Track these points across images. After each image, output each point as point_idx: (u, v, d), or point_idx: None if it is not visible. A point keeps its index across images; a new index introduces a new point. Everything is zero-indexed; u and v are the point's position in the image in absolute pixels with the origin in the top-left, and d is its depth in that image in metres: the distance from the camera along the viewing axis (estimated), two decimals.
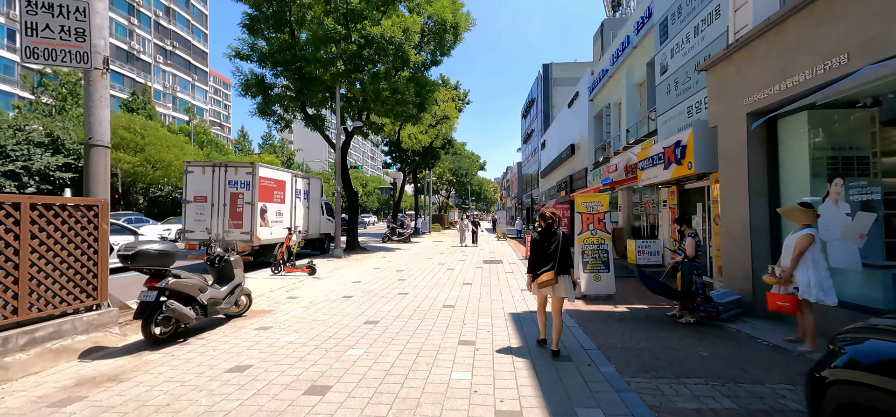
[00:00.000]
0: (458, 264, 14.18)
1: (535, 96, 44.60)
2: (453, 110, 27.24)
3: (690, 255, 6.19)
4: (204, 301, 5.72)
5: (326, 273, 11.76)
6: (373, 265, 13.71)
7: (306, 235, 15.82)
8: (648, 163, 10.06)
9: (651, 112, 12.61)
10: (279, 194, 13.58)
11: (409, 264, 14.20)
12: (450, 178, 51.10)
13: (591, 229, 8.32)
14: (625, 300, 8.16)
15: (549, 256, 4.82)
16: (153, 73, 56.98)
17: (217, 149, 48.38)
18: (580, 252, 8.28)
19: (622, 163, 14.15)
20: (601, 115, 18.93)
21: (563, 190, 24.77)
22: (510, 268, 13.04)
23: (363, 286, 9.84)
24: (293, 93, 17.20)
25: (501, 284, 10.10)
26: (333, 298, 8.38)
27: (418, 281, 10.51)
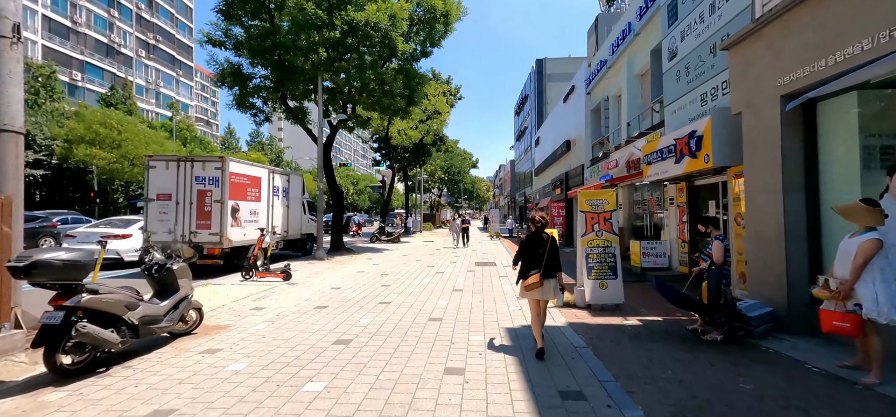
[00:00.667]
0: (449, 266, 13.21)
1: (529, 92, 43.75)
2: (444, 105, 26.24)
3: (719, 261, 5.27)
4: (133, 321, 4.68)
5: (303, 279, 10.72)
6: (356, 269, 12.69)
7: (286, 236, 14.74)
8: (656, 157, 9.16)
9: (656, 103, 11.73)
10: (254, 192, 12.49)
11: (395, 267, 13.20)
12: (442, 176, 50.08)
13: (596, 231, 7.39)
14: (634, 309, 7.24)
15: (537, 259, 4.91)
16: (135, 67, 55.19)
17: (201, 146, 46.90)
18: (584, 256, 7.34)
19: (623, 158, 13.26)
20: (599, 109, 18.05)
21: (559, 188, 23.90)
22: (504, 271, 12.10)
23: (342, 293, 8.82)
24: (272, 84, 16.07)
25: (495, 290, 9.14)
26: (305, 309, 7.35)
27: (404, 287, 9.52)
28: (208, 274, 11.32)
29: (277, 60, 15.44)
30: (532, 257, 4.96)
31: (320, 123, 15.67)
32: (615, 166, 13.71)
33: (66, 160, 30.14)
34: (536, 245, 4.98)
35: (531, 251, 4.98)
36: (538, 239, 5.01)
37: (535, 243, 5.00)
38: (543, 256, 4.86)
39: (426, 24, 17.71)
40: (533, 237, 5.07)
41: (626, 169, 12.92)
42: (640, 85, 14.03)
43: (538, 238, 5.02)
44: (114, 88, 42.14)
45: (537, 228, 5.11)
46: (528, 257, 5.01)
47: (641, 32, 12.66)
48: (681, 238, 10.01)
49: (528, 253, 5.00)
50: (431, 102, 25.59)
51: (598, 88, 17.93)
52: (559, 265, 5.02)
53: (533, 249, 4.98)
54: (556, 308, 7.29)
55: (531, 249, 4.99)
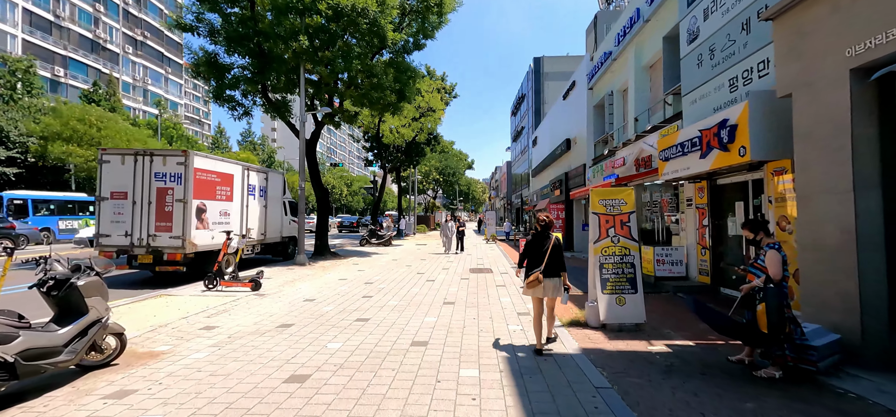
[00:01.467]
0: (441, 273, 12.03)
1: (526, 92, 42.71)
2: (439, 102, 25.09)
3: (777, 276, 4.13)
4: (8, 358, 3.48)
5: (276, 288, 9.50)
6: (338, 276, 11.48)
7: (263, 239, 13.51)
8: (675, 152, 8.04)
9: (670, 94, 10.65)
10: (225, 191, 11.26)
11: (382, 273, 12.00)
12: (436, 177, 48.87)
13: (611, 236, 6.24)
14: (658, 330, 6.09)
15: (539, 257, 5.13)
16: (121, 64, 53.63)
17: (189, 145, 45.44)
18: (597, 267, 6.19)
19: (631, 156, 12.15)
20: (602, 104, 16.96)
21: (558, 189, 22.80)
22: (502, 279, 10.94)
23: (315, 307, 7.62)
24: (251, 75, 14.85)
25: (492, 303, 7.98)
26: (266, 328, 6.15)
27: (387, 299, 8.33)
28: (169, 283, 10.08)
29: (256, 49, 14.25)
30: (535, 256, 5.20)
31: (302, 116, 14.46)
32: (622, 164, 12.60)
33: (42, 158, 28.73)
34: (540, 245, 5.20)
35: (535, 251, 5.22)
36: (542, 239, 5.23)
37: (540, 243, 5.22)
38: (545, 255, 5.09)
39: (419, 14, 16.59)
40: (537, 237, 5.28)
41: (636, 167, 11.81)
42: (650, 77, 12.95)
43: (542, 238, 5.23)
44: (96, 84, 40.64)
45: (542, 228, 5.30)
46: (531, 256, 5.25)
47: (652, 19, 11.57)
48: (701, 244, 8.89)
49: (532, 252, 5.24)
50: (425, 99, 24.42)
51: (601, 83, 16.85)
52: (563, 266, 5.19)
53: (537, 248, 5.22)
54: (565, 328, 6.14)
55: (535, 248, 5.23)
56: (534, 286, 5.09)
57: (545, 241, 5.20)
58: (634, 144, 11.95)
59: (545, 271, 5.05)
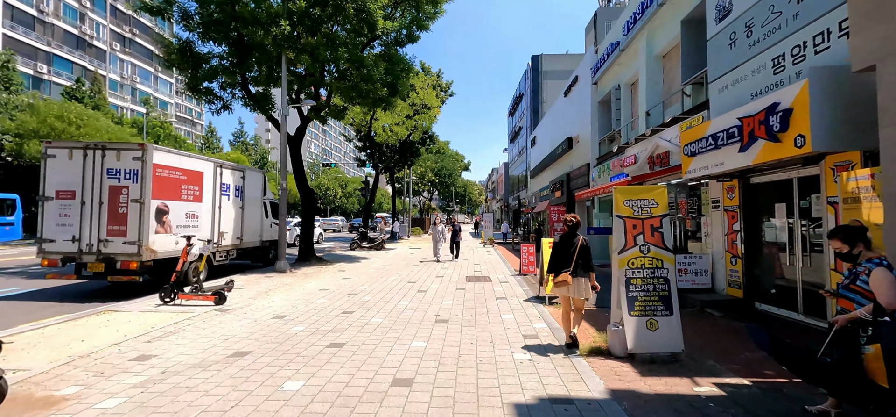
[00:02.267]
0: (434, 282, 10.86)
1: (524, 91, 41.67)
2: (434, 99, 23.95)
3: (891, 304, 2.98)
4: None
5: (244, 301, 8.30)
6: (320, 285, 10.28)
7: (240, 243, 12.29)
8: (705, 146, 6.93)
9: (690, 83, 9.55)
10: (192, 190, 10.05)
11: (369, 282, 10.82)
12: (432, 178, 47.70)
13: (639, 245, 5.10)
14: (698, 361, 4.94)
15: (567, 258, 5.29)
16: (109, 61, 52.16)
17: (177, 145, 44.04)
18: (622, 282, 5.05)
19: (644, 153, 11.04)
20: (608, 100, 15.87)
21: (559, 190, 21.71)
22: (502, 289, 9.78)
23: (283, 325, 6.44)
24: (229, 64, 13.67)
25: (492, 320, 6.82)
26: (214, 358, 4.97)
27: (371, 316, 7.16)
28: (124, 295, 8.86)
29: (235, 36, 13.07)
30: (563, 257, 5.34)
31: (283, 107, 13.27)
32: (633, 162, 11.49)
33: (18, 156, 27.33)
34: (567, 245, 5.34)
35: (563, 251, 5.36)
36: (570, 240, 5.36)
37: (567, 244, 5.36)
38: (573, 255, 5.24)
39: (412, 3, 15.46)
40: (565, 238, 5.43)
41: (650, 165, 10.70)
42: (663, 67, 11.86)
43: (570, 239, 5.37)
44: (80, 80, 39.19)
45: (570, 228, 5.45)
46: (559, 256, 5.38)
47: (668, 1, 10.47)
48: (730, 252, 7.77)
49: (560, 253, 5.38)
50: (419, 95, 23.29)
51: (607, 77, 15.76)
52: (590, 266, 5.33)
53: (564, 249, 5.35)
54: (584, 358, 4.99)
55: (563, 249, 5.37)
56: (562, 285, 5.26)
57: (573, 241, 5.33)
58: (648, 139, 10.84)
59: (574, 271, 5.22)
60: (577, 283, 5.22)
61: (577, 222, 5.48)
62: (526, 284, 10.59)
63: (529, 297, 8.81)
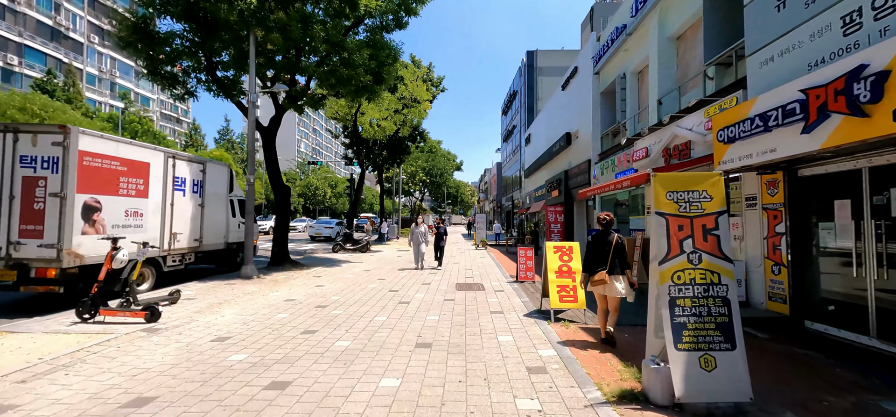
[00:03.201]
0: (419, 290, 9.46)
1: (518, 89, 40.43)
2: (424, 92, 22.56)
3: None
4: None
5: (185, 317, 6.84)
6: (287, 295, 8.85)
7: (198, 246, 10.78)
8: (749, 129, 5.63)
9: (714, 63, 8.28)
10: (134, 184, 8.56)
11: (345, 291, 9.40)
12: (423, 178, 46.24)
13: (686, 252, 3.76)
14: (774, 414, 3.61)
15: (603, 256, 5.30)
16: (86, 54, 49.99)
17: (156, 141, 42.11)
18: (664, 303, 3.71)
19: (658, 144, 9.75)
20: (612, 90, 14.62)
21: (556, 189, 20.43)
22: (498, 300, 8.41)
23: (220, 353, 5.02)
24: (191, 44, 12.17)
25: (487, 343, 5.45)
26: (98, 411, 3.53)
27: (336, 336, 5.76)
28: (37, 310, 7.35)
29: (197, 11, 11.57)
30: (598, 255, 5.34)
31: (251, 92, 11.81)
32: (645, 155, 10.20)
33: None
34: (602, 244, 5.34)
35: (597, 250, 5.36)
36: (604, 238, 5.36)
37: (602, 242, 5.35)
38: (609, 253, 5.26)
39: None
40: (599, 236, 5.41)
41: (665, 158, 9.42)
42: (677, 49, 10.61)
43: (604, 237, 5.36)
44: (51, 72, 37.22)
45: (603, 227, 5.45)
46: (594, 255, 5.37)
47: None
48: (771, 259, 6.49)
49: (595, 251, 5.37)
50: (408, 88, 21.89)
51: (610, 66, 14.50)
52: (627, 263, 5.34)
53: (599, 247, 5.36)
54: (612, 407, 3.64)
55: (597, 247, 5.37)
56: (599, 284, 5.29)
57: (607, 240, 5.33)
58: (663, 129, 9.56)
59: (610, 269, 5.24)
60: (613, 281, 5.24)
61: (611, 219, 5.49)
62: (524, 293, 9.24)
63: (530, 311, 7.45)
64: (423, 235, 13.48)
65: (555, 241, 7.93)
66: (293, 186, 73.39)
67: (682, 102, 9.75)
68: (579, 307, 6.71)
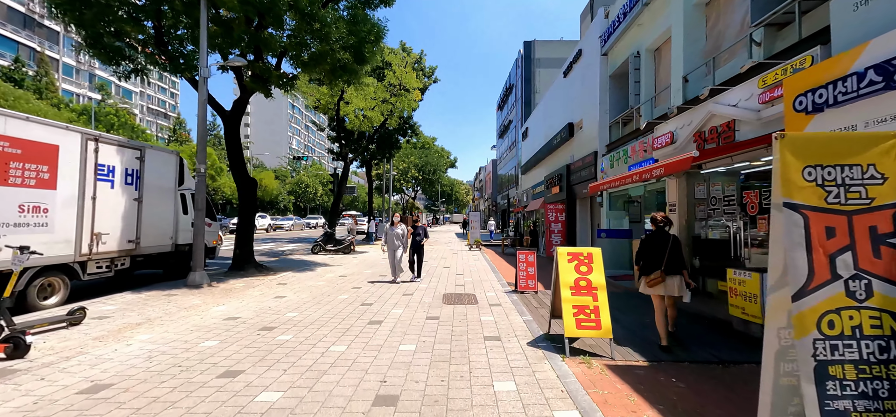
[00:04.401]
0: (398, 305, 7.72)
1: (514, 82, 38.75)
2: (414, 80, 20.79)
3: None
4: None
5: (79, 344, 5.06)
6: (230, 312, 7.08)
7: (135, 249, 8.97)
8: (853, 89, 3.94)
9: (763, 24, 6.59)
10: (35, 171, 6.75)
11: (306, 305, 7.64)
12: (415, 175, 44.45)
13: (844, 277, 2.05)
14: None
15: (659, 256, 5.24)
16: (62, 44, 47.69)
17: (134, 135, 39.99)
18: (809, 371, 1.99)
19: (688, 127, 8.07)
20: (624, 72, 12.94)
21: (556, 185, 18.75)
22: (493, 319, 6.69)
23: (86, 411, 3.26)
24: (135, 11, 10.35)
25: (480, 395, 3.73)
26: None
27: (269, 378, 4.02)
28: None
29: None
30: (654, 255, 5.28)
31: (202, 64, 10.02)
32: (669, 142, 8.53)
33: None
34: (657, 243, 5.30)
35: (653, 249, 5.31)
36: (658, 237, 5.33)
37: (656, 242, 5.32)
38: (664, 253, 5.21)
39: None
40: (654, 236, 5.38)
41: (696, 143, 7.73)
42: (707, 17, 8.93)
43: (658, 237, 5.34)
44: (18, 60, 35.03)
45: (658, 227, 5.42)
46: (650, 255, 5.32)
47: None
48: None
49: (650, 252, 5.33)
50: (397, 74, 20.11)
51: (621, 44, 12.81)
52: (683, 263, 5.28)
53: (654, 246, 5.31)
54: None
55: (652, 247, 5.33)
56: (655, 284, 5.22)
57: (663, 239, 5.29)
58: (695, 109, 7.87)
59: (666, 269, 5.17)
60: (670, 281, 5.21)
61: (665, 218, 5.44)
62: (525, 308, 7.53)
63: (536, 337, 5.74)
64: (401, 237, 10.41)
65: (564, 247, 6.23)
66: (283, 183, 71.33)
67: (716, 77, 8.07)
68: (603, 336, 5.00)
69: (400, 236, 10.47)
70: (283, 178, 73.78)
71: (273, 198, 62.06)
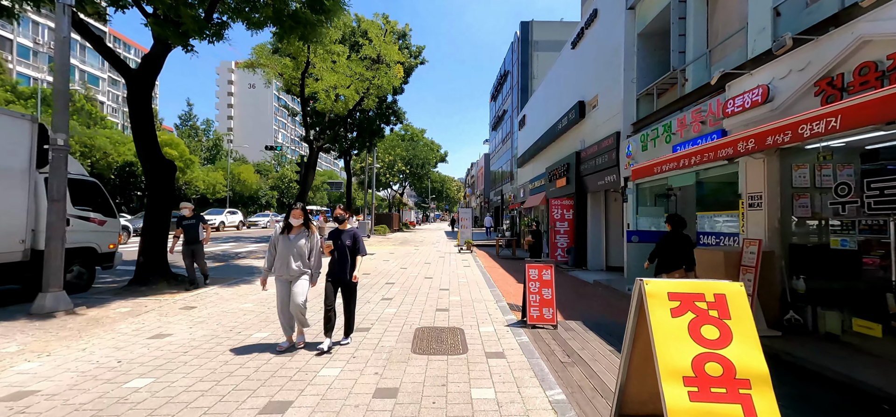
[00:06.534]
0: (336, 358, 4.69)
1: (510, 68, 35.78)
2: (396, 53, 17.67)
3: None
4: None
5: None
6: (37, 375, 3.99)
7: None
8: None
9: None
10: None
11: (171, 364, 4.59)
12: (402, 168, 41.28)
13: None
14: None
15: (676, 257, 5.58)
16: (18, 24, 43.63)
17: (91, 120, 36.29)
18: None
19: (802, 73, 5.12)
20: (661, 27, 10.03)
21: (562, 177, 15.81)
22: (497, 388, 3.70)
23: None
24: None
25: None
26: None
27: None
28: None
29: None
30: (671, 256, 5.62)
31: None
32: (762, 99, 5.60)
33: None
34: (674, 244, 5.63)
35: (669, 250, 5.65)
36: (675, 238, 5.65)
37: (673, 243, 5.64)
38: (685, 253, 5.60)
39: None
40: (670, 237, 5.69)
41: (822, 95, 4.79)
42: None
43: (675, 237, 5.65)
44: None
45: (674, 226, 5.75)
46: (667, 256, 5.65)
47: None
48: None
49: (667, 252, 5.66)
50: (374, 44, 16.99)
51: None
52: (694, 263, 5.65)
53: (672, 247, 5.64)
54: None
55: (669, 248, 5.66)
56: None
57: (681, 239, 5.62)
58: (819, 42, 4.91)
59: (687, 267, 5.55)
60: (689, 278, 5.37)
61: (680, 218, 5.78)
62: (547, 366, 4.56)
63: None
64: (302, 255, 4.81)
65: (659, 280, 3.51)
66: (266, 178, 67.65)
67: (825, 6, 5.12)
68: None
69: (300, 252, 4.78)
70: (266, 172, 70.12)
71: (253, 193, 58.50)
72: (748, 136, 4.19)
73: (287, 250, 4.77)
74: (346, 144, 24.75)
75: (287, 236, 4.83)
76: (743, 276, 5.72)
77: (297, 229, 4.89)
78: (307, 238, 4.90)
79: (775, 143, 3.76)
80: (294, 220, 4.86)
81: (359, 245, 5.05)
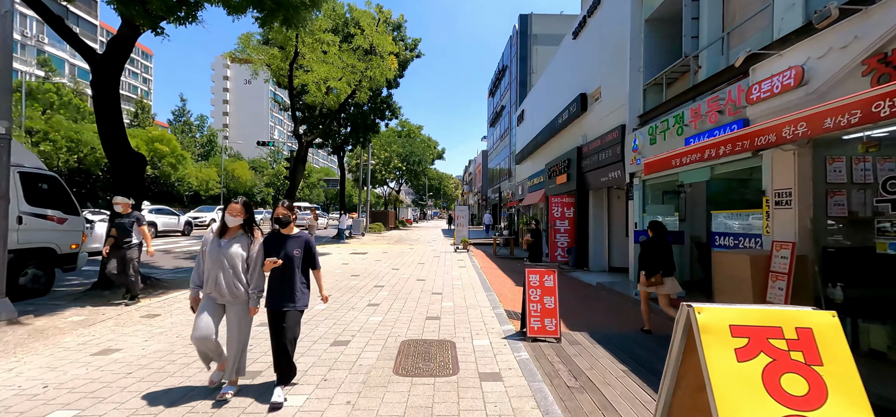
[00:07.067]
0: (307, 372, 3.99)
1: (508, 63, 35.04)
2: (389, 43, 16.92)
3: None
4: None
5: None
6: None
7: None
8: None
9: None
10: None
11: (129, 380, 3.88)
12: (399, 165, 40.50)
13: None
14: None
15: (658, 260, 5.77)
16: None
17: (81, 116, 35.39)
18: None
19: (846, 53, 4.44)
20: (671, 11, 9.32)
21: (563, 174, 15.11)
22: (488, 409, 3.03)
23: None
24: None
25: None
26: None
27: None
28: None
29: None
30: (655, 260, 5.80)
31: None
32: (796, 82, 4.92)
33: None
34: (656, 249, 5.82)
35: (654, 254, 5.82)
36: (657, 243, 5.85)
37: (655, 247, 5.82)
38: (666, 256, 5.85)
39: None
40: (652, 242, 5.88)
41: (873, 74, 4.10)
42: None
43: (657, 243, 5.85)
44: None
45: (656, 232, 5.96)
46: (652, 259, 5.81)
47: None
48: None
49: (652, 256, 5.82)
50: (366, 34, 16.25)
51: None
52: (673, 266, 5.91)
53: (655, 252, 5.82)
54: None
55: (653, 252, 5.82)
56: (653, 286, 5.82)
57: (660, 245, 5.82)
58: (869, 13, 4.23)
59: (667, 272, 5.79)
60: (670, 281, 5.74)
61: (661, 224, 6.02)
62: (552, 392, 3.88)
63: None
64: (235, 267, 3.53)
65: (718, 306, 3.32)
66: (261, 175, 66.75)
67: None
68: None
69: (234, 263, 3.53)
70: (262, 169, 69.26)
71: (248, 190, 57.69)
72: (798, 119, 3.50)
73: (216, 261, 3.49)
74: (339, 140, 24.01)
75: (218, 240, 3.56)
76: (772, 284, 5.05)
77: (234, 231, 3.62)
78: (245, 246, 3.59)
79: (836, 125, 3.07)
80: (230, 218, 3.57)
81: (313, 256, 3.73)
